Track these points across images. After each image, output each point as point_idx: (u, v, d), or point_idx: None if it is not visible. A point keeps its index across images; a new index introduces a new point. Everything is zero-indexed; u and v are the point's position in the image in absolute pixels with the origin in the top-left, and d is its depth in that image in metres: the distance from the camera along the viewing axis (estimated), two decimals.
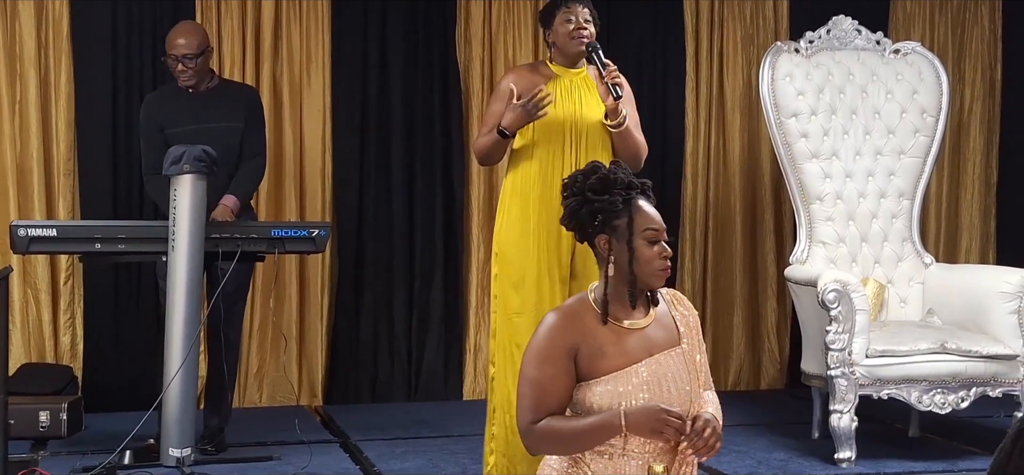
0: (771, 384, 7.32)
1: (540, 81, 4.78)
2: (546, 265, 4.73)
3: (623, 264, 3.21)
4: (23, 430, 5.43)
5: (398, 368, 7.00)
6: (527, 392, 3.17)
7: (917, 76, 6.26)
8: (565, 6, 4.77)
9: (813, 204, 6.12)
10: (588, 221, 3.25)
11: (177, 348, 4.99)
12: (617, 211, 3.22)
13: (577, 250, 4.74)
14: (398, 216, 6.97)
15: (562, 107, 4.73)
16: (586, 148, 4.73)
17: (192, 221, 4.92)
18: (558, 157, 4.72)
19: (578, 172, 3.32)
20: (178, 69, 5.54)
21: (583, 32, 4.75)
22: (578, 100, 4.76)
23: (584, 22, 4.77)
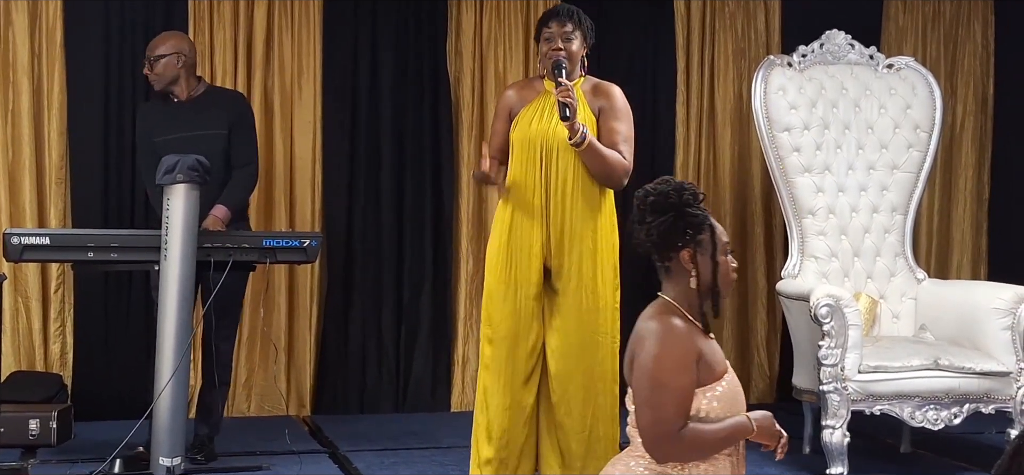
0: (760, 398, 7.31)
1: (531, 95, 4.84)
2: (514, 281, 4.76)
3: (707, 276, 3.28)
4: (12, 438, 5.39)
5: (386, 378, 6.99)
6: (670, 401, 3.19)
7: (911, 91, 6.27)
8: (547, 24, 4.80)
9: (805, 218, 6.12)
10: (679, 237, 3.26)
11: (168, 357, 4.96)
12: (702, 225, 3.27)
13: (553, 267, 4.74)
14: (387, 227, 6.96)
15: (538, 124, 4.77)
16: (557, 165, 4.74)
17: (185, 230, 4.90)
18: (531, 173, 4.76)
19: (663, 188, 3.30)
20: (145, 71, 5.63)
21: (555, 52, 4.75)
22: (552, 117, 4.75)
23: (562, 41, 4.76)
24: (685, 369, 3.21)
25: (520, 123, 4.80)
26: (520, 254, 4.76)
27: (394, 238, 6.98)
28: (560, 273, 4.75)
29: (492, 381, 4.79)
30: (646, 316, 3.30)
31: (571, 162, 4.74)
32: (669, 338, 3.21)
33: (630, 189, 4.99)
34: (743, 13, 7.25)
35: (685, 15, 7.22)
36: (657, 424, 3.19)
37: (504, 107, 4.89)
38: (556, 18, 4.79)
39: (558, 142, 4.72)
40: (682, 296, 3.29)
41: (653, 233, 3.28)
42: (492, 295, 4.80)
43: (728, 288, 3.36)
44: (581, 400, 4.77)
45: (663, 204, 3.27)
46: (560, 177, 4.74)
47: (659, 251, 3.30)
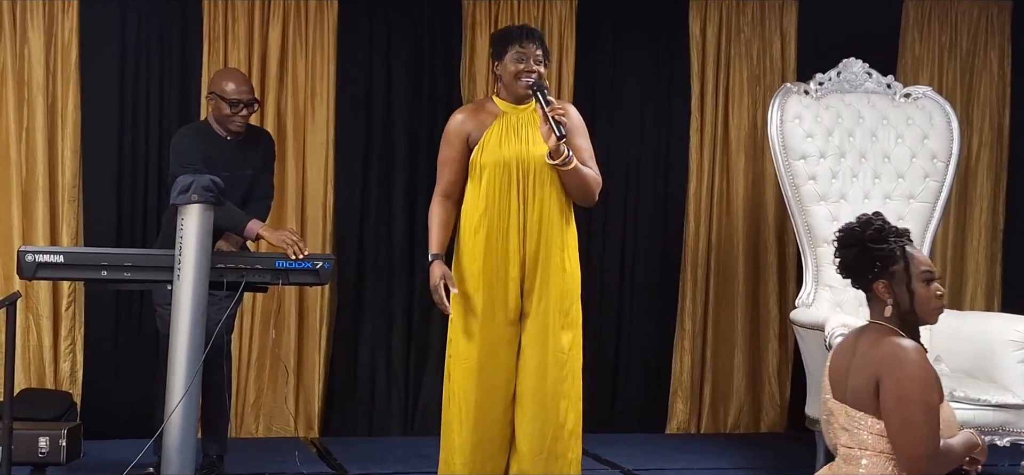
0: (771, 427, 7.29)
1: (488, 118, 4.73)
2: (491, 310, 4.67)
3: (904, 305, 3.47)
4: (22, 456, 5.38)
5: (396, 401, 6.96)
6: (925, 420, 3.37)
7: (928, 121, 6.26)
8: (518, 43, 4.68)
9: (820, 247, 6.10)
10: (868, 269, 3.49)
11: (180, 376, 4.94)
12: (894, 258, 3.46)
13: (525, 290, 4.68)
14: (398, 249, 6.95)
15: (509, 146, 4.67)
16: (534, 186, 4.67)
17: (198, 251, 4.88)
18: (505, 197, 4.66)
19: (853, 223, 3.56)
20: (239, 113, 5.51)
21: (528, 74, 4.67)
22: (525, 138, 4.69)
23: (535, 63, 4.67)
24: (936, 387, 3.41)
25: (487, 146, 4.68)
26: (497, 279, 4.66)
27: (405, 261, 6.97)
28: (531, 294, 4.69)
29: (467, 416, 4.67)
30: (871, 342, 3.46)
31: (547, 182, 4.68)
32: (918, 360, 3.39)
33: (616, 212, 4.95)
34: (759, 40, 7.24)
35: (700, 41, 7.21)
36: (922, 443, 3.36)
37: (458, 133, 4.73)
38: (529, 39, 4.69)
39: (534, 163, 4.66)
40: (890, 322, 3.48)
41: (842, 266, 3.55)
42: (467, 324, 4.67)
43: (931, 315, 3.53)
44: (541, 420, 4.69)
45: (848, 239, 3.54)
46: (537, 198, 4.67)
47: (854, 282, 3.55)
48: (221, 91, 5.52)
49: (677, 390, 7.25)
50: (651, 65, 7.24)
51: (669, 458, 6.49)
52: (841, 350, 3.55)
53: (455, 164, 4.74)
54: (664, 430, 7.22)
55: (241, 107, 5.51)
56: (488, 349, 4.67)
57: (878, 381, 3.39)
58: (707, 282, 7.26)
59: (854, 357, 3.47)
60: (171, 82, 6.64)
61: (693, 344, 7.23)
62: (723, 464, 6.38)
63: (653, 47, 7.25)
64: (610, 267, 7.17)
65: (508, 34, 4.77)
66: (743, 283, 7.27)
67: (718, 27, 7.21)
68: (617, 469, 6.11)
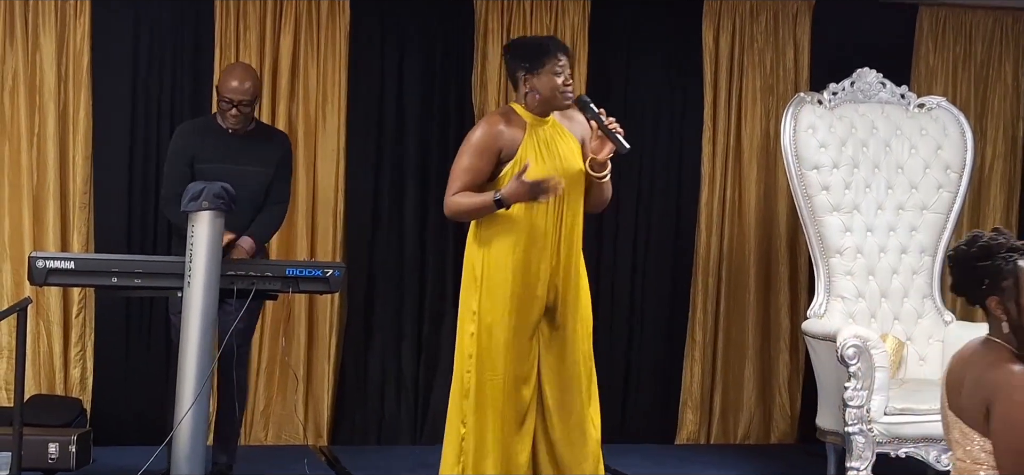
0: (781, 438, 7.26)
1: (519, 132, 4.65)
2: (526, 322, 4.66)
3: (1015, 320, 3.45)
4: (32, 461, 5.39)
5: (405, 410, 6.95)
6: None
7: (942, 131, 6.24)
8: (554, 56, 4.62)
9: (832, 258, 6.08)
10: (977, 286, 3.51)
11: (190, 384, 4.94)
12: (1003, 273, 3.46)
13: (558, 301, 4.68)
14: (409, 258, 6.95)
15: (545, 164, 4.61)
16: (566, 202, 4.65)
17: (209, 258, 4.88)
18: (542, 213, 4.61)
19: (962, 243, 3.58)
20: (230, 112, 5.52)
21: (570, 87, 4.65)
22: (557, 153, 4.67)
23: (569, 75, 4.66)
24: None
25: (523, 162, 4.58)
26: (531, 294, 4.64)
27: (415, 270, 6.96)
28: (563, 305, 4.68)
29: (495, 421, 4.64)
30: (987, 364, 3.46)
31: (577, 196, 4.68)
32: None
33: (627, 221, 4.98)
34: (772, 50, 7.22)
35: (713, 51, 7.19)
36: None
37: (495, 145, 4.61)
38: (563, 52, 4.66)
39: (570, 177, 4.64)
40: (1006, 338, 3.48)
41: (953, 286, 3.60)
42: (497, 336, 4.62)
43: None
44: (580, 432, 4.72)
45: (955, 258, 3.57)
46: (570, 212, 4.68)
47: (968, 300, 3.58)
48: (219, 87, 5.57)
49: (687, 400, 7.22)
50: (664, 74, 7.22)
51: (678, 468, 6.47)
52: (958, 362, 3.55)
53: (482, 175, 4.62)
54: (674, 440, 7.20)
55: (231, 106, 5.51)
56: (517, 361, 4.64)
57: (988, 407, 3.40)
58: (718, 292, 7.23)
59: (969, 374, 3.48)
60: (182, 89, 6.64)
61: (703, 354, 7.21)
62: None
63: (666, 56, 7.23)
64: (621, 276, 7.16)
65: (544, 47, 4.68)
66: (754, 293, 7.25)
67: (731, 36, 7.19)
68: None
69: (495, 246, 4.64)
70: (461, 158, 4.67)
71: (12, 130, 6.44)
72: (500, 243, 4.63)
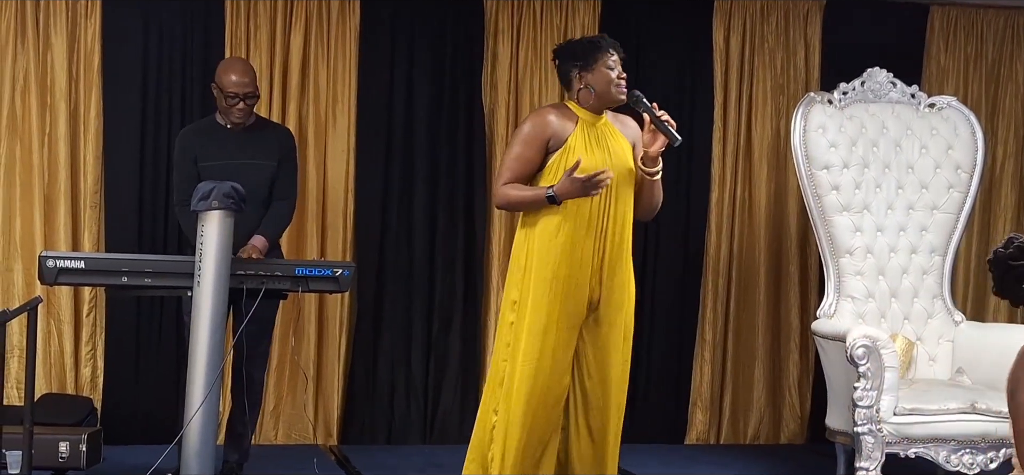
0: (791, 439, 7.25)
1: (569, 125, 4.70)
2: (571, 314, 4.67)
3: None
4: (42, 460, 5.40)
5: (415, 410, 6.96)
6: None
7: (952, 131, 6.22)
8: (606, 52, 4.67)
9: (842, 258, 6.07)
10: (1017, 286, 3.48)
11: (199, 383, 4.95)
12: None
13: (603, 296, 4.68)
14: (419, 258, 6.95)
15: (594, 156, 4.65)
16: (615, 196, 4.67)
17: (218, 257, 4.89)
18: (586, 204, 4.63)
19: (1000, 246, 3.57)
20: (237, 107, 5.53)
21: (624, 81, 4.69)
22: (607, 148, 4.70)
23: (623, 71, 4.70)
24: None
25: (574, 151, 4.62)
26: (572, 284, 4.65)
27: (425, 270, 6.96)
28: (607, 302, 4.70)
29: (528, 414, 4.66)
30: None
31: (625, 194, 4.70)
32: None
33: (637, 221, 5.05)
34: (783, 50, 7.21)
35: (724, 51, 7.18)
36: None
37: (544, 133, 4.65)
38: (618, 49, 4.70)
39: (620, 173, 4.67)
40: None
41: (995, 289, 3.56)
42: (539, 326, 4.63)
43: None
44: (615, 431, 4.77)
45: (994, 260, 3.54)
46: (620, 207, 4.69)
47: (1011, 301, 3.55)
48: (220, 83, 5.57)
49: (697, 401, 7.22)
50: (674, 74, 7.21)
51: (688, 469, 6.47)
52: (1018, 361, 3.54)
53: (532, 165, 4.66)
54: (683, 441, 7.19)
55: (238, 100, 5.52)
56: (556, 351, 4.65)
57: None
58: (728, 292, 7.23)
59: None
60: (193, 89, 6.65)
61: (713, 354, 7.20)
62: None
63: (676, 56, 7.23)
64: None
65: (597, 43, 4.72)
66: (764, 293, 7.24)
67: (742, 36, 7.19)
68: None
69: (542, 234, 4.66)
70: (511, 147, 4.74)
71: (23, 130, 6.46)
72: (547, 231, 4.65)
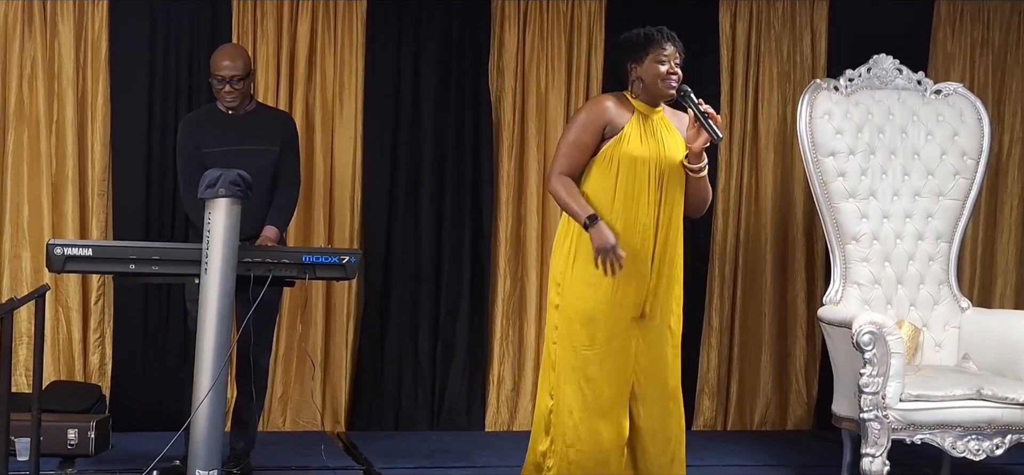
0: (797, 424, 7.27)
1: (626, 115, 4.72)
2: (620, 303, 4.67)
3: None
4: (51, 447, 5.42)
5: (422, 397, 6.98)
6: None
7: (958, 118, 6.22)
8: (659, 45, 4.68)
9: (848, 244, 6.07)
10: None
11: (207, 370, 4.97)
12: None
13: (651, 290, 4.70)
14: (426, 245, 6.96)
15: (647, 146, 4.67)
16: (666, 189, 4.69)
17: (226, 245, 4.90)
18: (644, 194, 4.66)
19: None
20: (224, 91, 5.55)
21: (674, 77, 4.68)
22: (660, 140, 4.71)
23: (675, 65, 4.69)
24: None
25: (629, 140, 4.66)
26: (632, 274, 4.65)
27: (432, 256, 6.97)
28: (657, 295, 4.72)
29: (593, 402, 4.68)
30: None
31: (677, 187, 4.71)
32: None
33: None
34: (789, 36, 7.21)
35: (730, 36, 7.18)
36: None
37: (601, 120, 4.67)
38: (672, 41, 4.71)
39: (670, 166, 4.68)
40: None
41: None
42: (595, 313, 4.66)
43: None
44: (666, 425, 4.80)
45: None
46: (669, 202, 4.70)
47: None
48: (211, 68, 5.60)
49: (704, 387, 7.23)
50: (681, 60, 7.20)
51: (695, 455, 6.42)
52: None
53: (588, 150, 4.68)
54: (691, 427, 7.19)
55: (225, 84, 5.54)
56: (617, 338, 4.67)
57: None
58: (735, 278, 7.23)
59: None
60: (200, 77, 6.65)
61: (720, 341, 7.21)
62: (749, 461, 6.37)
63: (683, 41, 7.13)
64: None
65: (650, 36, 4.74)
66: (771, 279, 7.24)
67: (748, 22, 7.19)
68: None
69: None
70: (567, 132, 4.77)
71: (31, 117, 6.48)
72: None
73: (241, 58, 5.62)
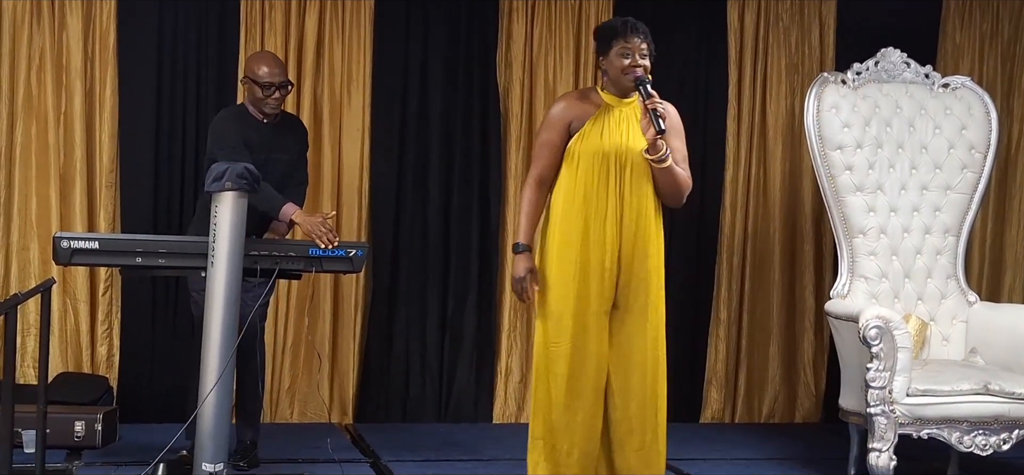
0: (806, 417, 7.26)
1: (591, 109, 4.75)
2: (586, 296, 4.70)
3: None
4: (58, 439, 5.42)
5: (429, 388, 6.98)
6: None
7: (966, 111, 6.20)
8: (623, 37, 4.71)
9: (856, 238, 6.06)
10: None
11: (214, 363, 4.97)
12: None
13: (621, 283, 4.70)
14: (433, 236, 6.96)
15: (609, 138, 4.70)
16: (631, 180, 4.70)
17: (232, 238, 4.90)
18: (603, 187, 4.69)
19: None
20: (272, 96, 5.55)
21: (636, 68, 4.70)
22: (626, 131, 4.72)
23: (640, 57, 4.70)
24: None
25: (588, 135, 4.72)
26: (593, 267, 4.69)
27: (440, 248, 6.97)
28: (627, 289, 4.72)
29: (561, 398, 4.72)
30: None
31: (644, 178, 4.71)
32: None
33: None
34: (797, 28, 7.19)
35: (738, 29, 7.17)
36: None
37: (561, 119, 4.76)
38: (636, 33, 4.73)
39: (633, 157, 4.69)
40: None
41: None
42: (562, 310, 4.71)
43: None
44: (642, 418, 4.77)
45: None
46: (635, 192, 4.70)
47: None
48: (254, 75, 5.56)
49: (711, 379, 7.23)
50: (689, 52, 7.20)
51: (703, 448, 6.47)
52: None
53: (556, 150, 4.76)
54: (698, 420, 7.20)
55: (273, 90, 5.54)
56: (580, 334, 4.70)
57: None
58: (743, 271, 7.23)
59: None
60: (208, 68, 6.66)
61: (728, 333, 7.20)
62: (757, 454, 6.36)
63: (691, 34, 7.22)
64: None
65: (612, 29, 4.78)
66: (779, 272, 7.24)
67: (757, 15, 7.17)
68: None
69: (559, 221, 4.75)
70: (540, 133, 4.89)
71: (39, 109, 6.48)
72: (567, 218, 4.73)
73: (280, 63, 5.67)
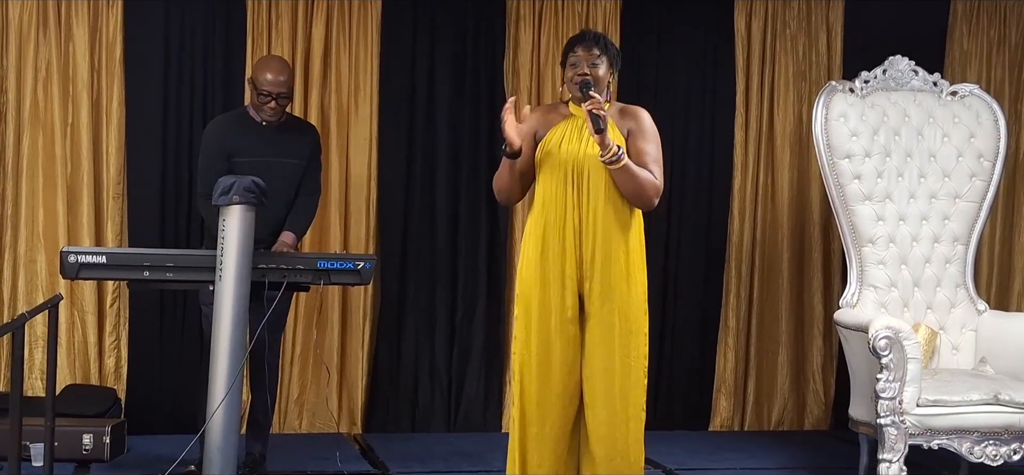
0: (815, 425, 7.25)
1: (556, 118, 4.79)
2: (547, 307, 4.69)
3: None
4: (66, 452, 5.44)
5: (438, 398, 6.97)
6: None
7: (975, 119, 6.18)
8: (571, 49, 4.76)
9: (865, 247, 6.04)
10: None
11: (222, 376, 4.97)
12: None
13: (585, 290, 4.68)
14: (442, 246, 6.95)
15: (567, 146, 4.72)
16: (588, 186, 4.68)
17: (240, 251, 4.90)
18: (561, 194, 4.70)
19: None
20: (269, 105, 5.53)
21: (579, 77, 4.70)
22: (586, 139, 4.71)
23: (588, 65, 4.71)
24: None
25: (548, 144, 4.74)
26: (553, 276, 4.69)
27: (448, 257, 6.97)
28: (591, 295, 4.71)
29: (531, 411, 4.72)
30: None
31: (603, 183, 4.69)
32: None
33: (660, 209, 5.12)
34: (804, 36, 7.18)
35: (745, 37, 7.16)
36: None
37: (531, 128, 4.79)
38: (582, 43, 4.76)
39: (590, 163, 4.68)
40: None
41: None
42: (528, 322, 4.72)
43: None
44: (611, 426, 4.72)
45: None
46: (592, 198, 4.69)
47: None
48: (256, 79, 5.56)
49: (720, 387, 7.22)
50: (696, 60, 7.19)
51: (712, 456, 6.46)
52: None
53: (527, 159, 4.77)
54: (707, 428, 7.19)
55: (269, 99, 5.53)
56: (543, 345, 4.69)
57: None
58: (751, 279, 7.22)
59: None
60: (215, 79, 6.66)
61: (737, 341, 7.19)
62: (766, 462, 6.35)
63: (698, 42, 7.21)
64: (654, 263, 7.00)
65: (568, 43, 4.83)
66: (788, 280, 7.22)
67: (764, 22, 7.16)
68: (659, 468, 6.09)
69: (528, 232, 4.78)
70: None
71: (46, 120, 6.49)
72: (530, 222, 4.78)
73: (286, 72, 5.60)
